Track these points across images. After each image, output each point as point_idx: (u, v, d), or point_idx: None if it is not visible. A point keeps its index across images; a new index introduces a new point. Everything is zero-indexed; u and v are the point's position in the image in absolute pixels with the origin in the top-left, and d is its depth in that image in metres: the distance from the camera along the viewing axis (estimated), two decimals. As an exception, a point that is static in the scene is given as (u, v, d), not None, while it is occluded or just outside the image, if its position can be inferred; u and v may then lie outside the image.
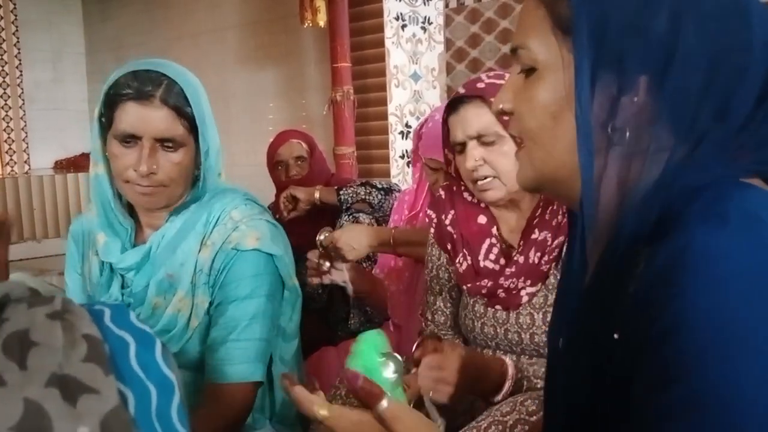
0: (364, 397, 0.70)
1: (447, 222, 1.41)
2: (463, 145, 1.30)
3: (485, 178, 1.28)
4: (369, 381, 0.71)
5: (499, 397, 1.16)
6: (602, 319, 0.56)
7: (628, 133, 0.55)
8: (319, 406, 0.72)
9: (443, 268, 1.43)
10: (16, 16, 4.36)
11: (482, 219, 1.37)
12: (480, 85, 1.29)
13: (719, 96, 0.54)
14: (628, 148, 0.56)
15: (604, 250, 0.58)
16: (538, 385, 1.19)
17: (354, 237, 1.72)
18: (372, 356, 0.80)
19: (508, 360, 1.20)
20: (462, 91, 1.31)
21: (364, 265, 2.11)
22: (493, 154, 1.26)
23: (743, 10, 0.55)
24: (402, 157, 3.08)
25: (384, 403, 0.68)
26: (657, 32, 0.53)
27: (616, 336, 0.54)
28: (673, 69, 0.53)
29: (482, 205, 1.38)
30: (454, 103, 1.32)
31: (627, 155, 0.56)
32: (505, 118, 0.67)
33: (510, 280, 1.28)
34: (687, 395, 0.46)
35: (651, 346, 0.49)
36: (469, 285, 1.34)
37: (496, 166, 1.26)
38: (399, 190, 2.23)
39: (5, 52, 4.32)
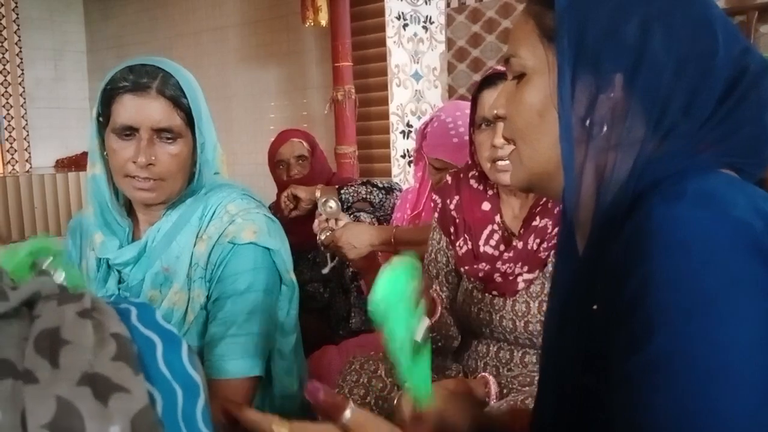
0: (327, 409, 0.69)
1: (452, 207, 1.42)
2: (491, 121, 1.31)
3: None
4: (331, 393, 0.70)
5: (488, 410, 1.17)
6: (586, 300, 0.61)
7: (605, 127, 0.61)
8: (277, 425, 0.69)
9: (442, 252, 1.44)
10: (17, 14, 4.37)
11: (486, 206, 1.39)
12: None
13: (685, 94, 0.60)
14: (604, 141, 0.62)
15: (588, 237, 0.65)
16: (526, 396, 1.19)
17: (355, 235, 1.72)
18: (398, 283, 0.78)
19: (492, 379, 1.21)
20: (501, 68, 1.31)
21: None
22: None
23: (709, 21, 0.62)
24: (403, 156, 3.08)
25: (347, 413, 0.68)
26: (628, 37, 0.60)
27: (594, 307, 0.59)
28: (642, 69, 0.60)
29: (489, 192, 1.40)
30: (490, 78, 1.33)
31: (604, 147, 0.62)
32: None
33: (507, 264, 1.29)
34: (656, 353, 0.51)
35: (622, 312, 0.54)
36: (466, 267, 1.35)
37: None
38: (400, 190, 2.23)
39: (7, 50, 4.32)
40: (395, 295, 0.78)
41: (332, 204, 1.74)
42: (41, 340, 0.45)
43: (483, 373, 1.24)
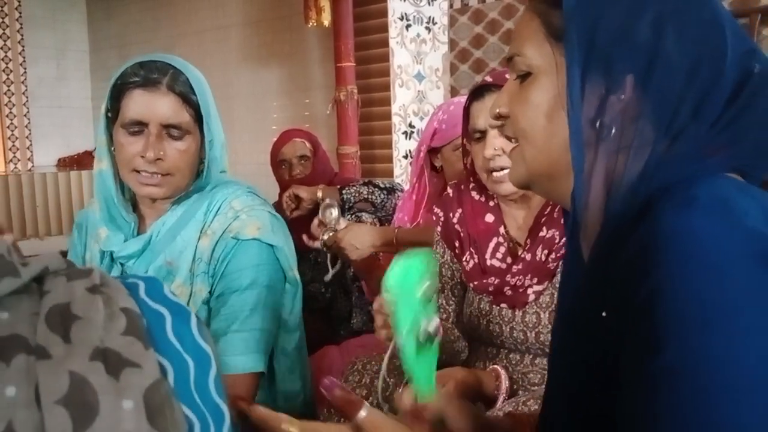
0: (342, 406, 0.67)
1: (455, 220, 1.41)
2: (483, 133, 1.31)
3: (501, 169, 1.28)
4: (347, 390, 0.68)
5: (493, 410, 1.16)
6: (594, 306, 0.59)
7: (614, 129, 0.60)
8: (288, 423, 0.67)
9: (447, 266, 1.43)
10: (20, 13, 4.37)
11: (490, 217, 1.37)
12: (507, 75, 1.29)
13: (696, 96, 0.59)
14: (614, 144, 0.60)
15: (595, 242, 0.63)
16: (536, 391, 1.19)
17: (357, 236, 1.72)
18: (412, 272, 0.76)
19: (503, 373, 1.20)
20: (489, 79, 1.32)
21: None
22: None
23: (719, 22, 0.61)
24: (405, 157, 3.08)
25: (363, 412, 0.65)
26: (641, 37, 0.59)
27: (603, 314, 0.58)
28: (656, 70, 0.58)
29: (490, 203, 1.39)
30: (479, 90, 1.32)
31: (614, 150, 0.60)
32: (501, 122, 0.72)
33: (517, 277, 1.28)
34: (668, 364, 0.49)
35: (632, 320, 0.53)
36: (475, 283, 1.34)
37: None
38: (402, 190, 2.23)
39: (9, 49, 4.33)
40: (408, 284, 0.75)
41: (334, 212, 1.74)
42: (52, 316, 0.45)
43: (495, 366, 1.23)
